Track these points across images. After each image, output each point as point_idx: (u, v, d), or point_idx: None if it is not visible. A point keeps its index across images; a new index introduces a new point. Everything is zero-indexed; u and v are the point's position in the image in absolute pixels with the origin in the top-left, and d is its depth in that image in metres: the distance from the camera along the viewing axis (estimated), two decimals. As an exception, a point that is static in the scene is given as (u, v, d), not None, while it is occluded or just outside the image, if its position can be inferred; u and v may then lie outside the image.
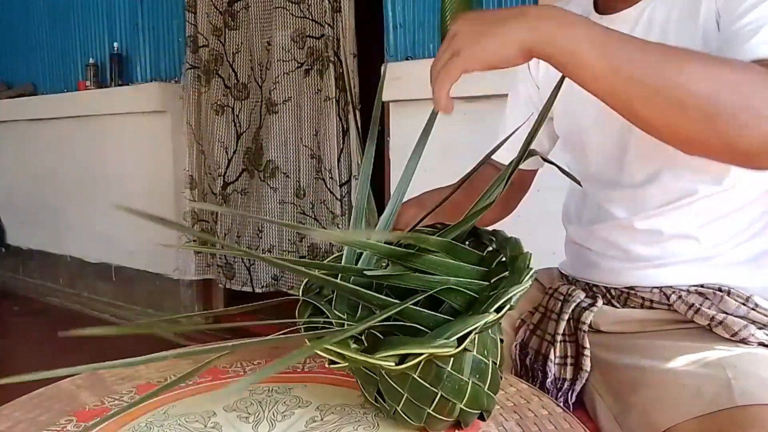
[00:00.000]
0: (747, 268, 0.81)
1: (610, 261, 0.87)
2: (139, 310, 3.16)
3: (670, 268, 0.83)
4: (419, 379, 0.58)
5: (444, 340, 0.53)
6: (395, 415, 0.61)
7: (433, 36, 2.08)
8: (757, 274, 0.81)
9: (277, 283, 2.62)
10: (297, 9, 2.48)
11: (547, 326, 0.90)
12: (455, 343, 0.53)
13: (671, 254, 0.83)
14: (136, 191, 3.10)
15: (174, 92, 2.85)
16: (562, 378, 0.86)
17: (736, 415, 0.65)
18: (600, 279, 0.89)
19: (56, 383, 0.78)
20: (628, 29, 0.81)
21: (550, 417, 0.67)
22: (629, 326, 0.85)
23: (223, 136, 2.74)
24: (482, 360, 0.59)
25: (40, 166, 3.66)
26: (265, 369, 0.41)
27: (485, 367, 0.60)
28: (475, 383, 0.58)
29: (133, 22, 3.08)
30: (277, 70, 2.54)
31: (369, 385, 0.63)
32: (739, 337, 0.75)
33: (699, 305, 0.79)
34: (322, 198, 2.46)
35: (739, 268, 0.81)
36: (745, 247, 0.81)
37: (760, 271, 0.81)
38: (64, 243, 3.58)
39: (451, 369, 0.57)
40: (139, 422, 0.66)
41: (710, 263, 0.81)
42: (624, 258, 0.86)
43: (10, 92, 3.78)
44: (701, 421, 0.67)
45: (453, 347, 0.53)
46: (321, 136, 2.44)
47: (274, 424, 0.64)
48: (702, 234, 0.81)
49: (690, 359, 0.75)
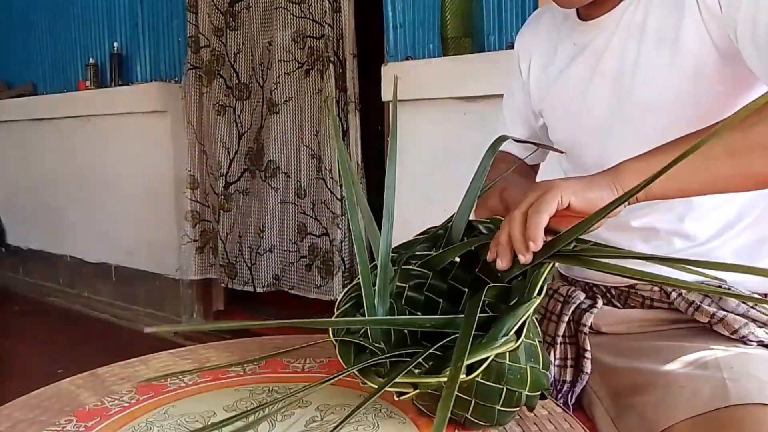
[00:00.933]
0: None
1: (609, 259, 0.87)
2: (139, 310, 3.16)
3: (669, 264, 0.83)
4: (484, 382, 0.58)
5: (505, 338, 0.55)
6: (465, 423, 0.62)
7: (433, 36, 2.08)
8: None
9: (278, 282, 2.62)
10: (298, 9, 2.49)
11: (547, 328, 0.90)
12: (514, 336, 0.55)
13: (669, 251, 0.83)
14: (136, 191, 3.10)
15: (174, 92, 2.85)
16: (561, 380, 0.86)
17: (731, 414, 0.66)
18: (600, 278, 0.89)
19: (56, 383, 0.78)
20: (610, 31, 0.83)
21: (550, 417, 0.67)
22: (630, 327, 0.85)
23: (225, 136, 2.74)
24: (531, 343, 0.61)
25: (40, 166, 3.66)
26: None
27: (535, 348, 0.62)
28: (532, 367, 0.60)
29: (133, 22, 3.08)
30: (278, 70, 2.55)
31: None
32: (739, 335, 0.75)
33: (699, 302, 0.79)
34: (322, 198, 2.46)
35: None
36: (740, 239, 0.81)
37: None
38: (64, 243, 3.58)
39: (510, 361, 0.59)
40: (139, 422, 0.66)
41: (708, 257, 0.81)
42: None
43: (10, 92, 3.78)
44: (697, 421, 0.67)
45: (514, 341, 0.55)
46: (321, 136, 2.44)
47: (274, 424, 0.64)
48: (694, 228, 0.81)
49: (688, 361, 0.75)
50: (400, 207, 0.80)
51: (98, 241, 3.36)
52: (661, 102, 0.79)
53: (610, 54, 0.84)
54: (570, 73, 0.89)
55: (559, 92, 0.92)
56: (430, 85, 2.01)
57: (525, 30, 1.02)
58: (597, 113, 0.85)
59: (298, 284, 2.56)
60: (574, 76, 0.89)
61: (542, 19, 0.99)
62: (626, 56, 0.82)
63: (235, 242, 2.73)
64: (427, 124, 2.05)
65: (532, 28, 1.01)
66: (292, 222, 2.59)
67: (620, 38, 0.83)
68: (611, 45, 0.83)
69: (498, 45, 1.95)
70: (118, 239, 3.23)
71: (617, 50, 0.83)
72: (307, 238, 2.53)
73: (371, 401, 0.54)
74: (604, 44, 0.84)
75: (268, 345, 0.91)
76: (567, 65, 0.90)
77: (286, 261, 2.60)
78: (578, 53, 0.88)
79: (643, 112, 0.81)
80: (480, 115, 1.91)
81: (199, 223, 2.80)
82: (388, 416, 0.66)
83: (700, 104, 0.76)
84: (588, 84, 0.86)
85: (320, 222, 2.48)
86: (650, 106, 0.80)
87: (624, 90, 0.82)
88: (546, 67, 0.95)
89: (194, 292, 2.94)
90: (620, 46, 0.82)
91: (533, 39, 0.99)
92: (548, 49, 0.95)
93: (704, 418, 0.67)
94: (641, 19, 0.80)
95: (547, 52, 0.95)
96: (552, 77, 0.93)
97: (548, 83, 0.94)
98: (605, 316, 0.86)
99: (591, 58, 0.86)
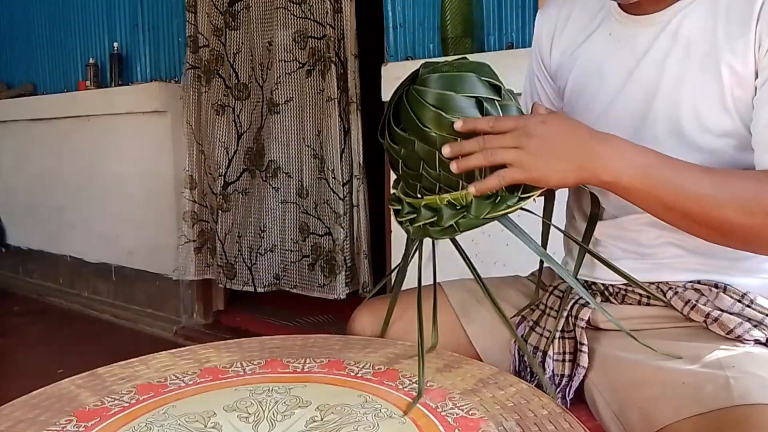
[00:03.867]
0: (743, 265, 0.81)
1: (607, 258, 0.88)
2: (138, 310, 3.16)
3: (665, 261, 0.83)
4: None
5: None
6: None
7: (433, 36, 2.08)
8: (753, 271, 0.81)
9: (279, 282, 2.62)
10: (298, 9, 2.48)
11: (546, 323, 0.90)
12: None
13: (664, 249, 0.83)
14: (136, 191, 3.10)
15: (174, 92, 2.85)
16: (560, 374, 0.87)
17: (735, 414, 0.65)
18: (598, 275, 0.89)
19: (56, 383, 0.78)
20: (654, 34, 0.79)
21: (550, 417, 0.67)
22: (627, 323, 0.85)
23: (224, 136, 2.74)
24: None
25: (41, 166, 3.66)
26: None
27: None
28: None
29: (133, 22, 3.08)
30: (279, 70, 2.54)
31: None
32: (735, 335, 0.75)
33: (695, 301, 0.79)
34: (325, 198, 2.46)
35: (735, 265, 0.81)
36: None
37: (756, 269, 0.81)
38: (64, 243, 3.58)
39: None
40: (139, 422, 0.66)
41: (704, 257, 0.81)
42: (622, 255, 0.86)
43: (10, 92, 3.78)
44: (700, 419, 0.67)
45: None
46: (323, 136, 2.44)
47: (274, 424, 0.64)
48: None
49: (688, 358, 0.75)
50: (400, 207, 0.80)
51: (98, 241, 3.36)
52: (684, 131, 0.77)
53: (649, 61, 0.80)
54: (604, 71, 0.85)
55: (586, 86, 0.88)
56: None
57: (548, 8, 0.97)
58: (621, 123, 0.82)
59: (300, 284, 2.56)
60: (608, 73, 0.85)
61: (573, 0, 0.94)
62: (667, 70, 0.78)
63: (234, 242, 2.73)
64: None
65: (558, 5, 0.95)
66: (294, 222, 2.59)
67: (663, 45, 0.78)
68: (652, 51, 0.79)
69: (498, 45, 1.95)
70: (118, 239, 3.23)
71: (658, 60, 0.79)
72: (309, 238, 2.53)
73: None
74: (644, 47, 0.80)
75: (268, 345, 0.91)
76: (601, 60, 0.86)
77: (287, 261, 2.60)
78: (615, 49, 0.84)
79: (672, 138, 0.79)
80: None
81: (197, 223, 2.80)
82: (388, 416, 0.66)
83: (742, 150, 0.76)
84: (620, 89, 0.83)
85: (323, 222, 2.48)
86: (680, 138, 0.78)
87: (656, 106, 0.79)
88: (573, 51, 0.91)
89: (194, 291, 2.93)
90: (662, 56, 0.79)
91: (558, 16, 0.94)
92: (577, 31, 0.91)
93: (708, 416, 0.67)
94: (696, 33, 0.76)
95: (576, 34, 0.91)
96: (581, 63, 0.89)
97: (573, 67, 0.90)
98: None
99: (629, 58, 0.82)
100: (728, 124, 0.75)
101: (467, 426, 0.64)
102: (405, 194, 0.80)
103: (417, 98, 0.73)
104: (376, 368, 0.81)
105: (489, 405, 0.70)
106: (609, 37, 0.85)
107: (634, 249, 0.85)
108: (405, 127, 0.75)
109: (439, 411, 0.68)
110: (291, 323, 2.80)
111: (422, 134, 0.73)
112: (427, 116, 0.72)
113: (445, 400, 0.71)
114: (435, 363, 0.83)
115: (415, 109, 0.73)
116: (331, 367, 0.81)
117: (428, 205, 0.76)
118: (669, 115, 0.78)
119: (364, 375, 0.78)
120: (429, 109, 0.72)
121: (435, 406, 0.69)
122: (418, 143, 0.74)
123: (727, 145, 0.76)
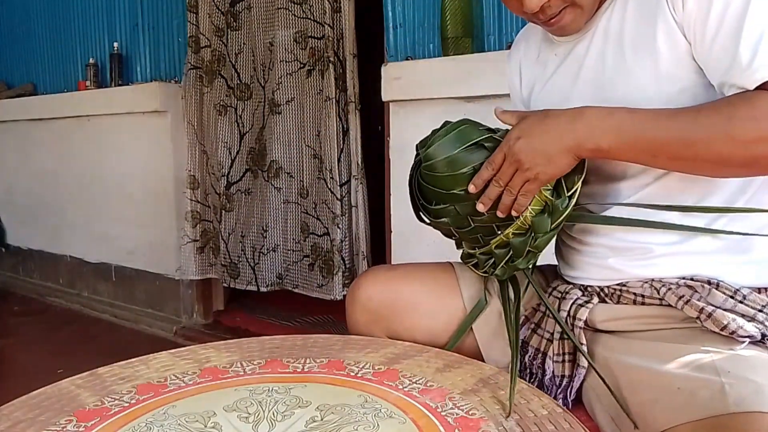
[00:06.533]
0: (735, 261, 0.81)
1: (598, 258, 0.88)
2: (139, 310, 3.16)
3: (657, 259, 0.83)
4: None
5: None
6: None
7: (433, 36, 2.08)
8: (744, 267, 0.81)
9: (282, 282, 2.62)
10: (299, 9, 2.48)
11: (546, 324, 0.92)
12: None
13: (655, 246, 0.83)
14: (136, 191, 3.10)
15: (174, 92, 2.85)
16: (561, 375, 0.87)
17: (730, 422, 0.66)
18: (593, 275, 0.89)
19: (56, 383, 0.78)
20: (588, 38, 0.88)
21: (550, 417, 0.67)
22: (624, 323, 0.86)
23: (226, 136, 2.74)
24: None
25: (40, 165, 3.66)
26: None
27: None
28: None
29: (133, 22, 3.08)
30: (280, 70, 2.54)
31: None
32: (729, 331, 0.76)
33: (689, 297, 0.79)
34: (323, 198, 2.46)
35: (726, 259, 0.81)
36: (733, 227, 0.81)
37: (748, 266, 0.81)
38: (64, 243, 3.58)
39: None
40: (139, 422, 0.66)
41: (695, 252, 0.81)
42: (611, 254, 0.86)
43: (10, 92, 3.78)
44: (696, 426, 0.67)
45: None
46: (322, 137, 2.44)
47: (274, 424, 0.64)
48: (678, 221, 0.82)
49: (683, 362, 0.75)
50: (400, 207, 0.81)
51: (98, 241, 3.35)
52: (640, 104, 0.80)
53: (590, 60, 0.88)
54: (555, 83, 0.94)
55: (545, 103, 0.94)
56: (430, 85, 2.01)
57: (514, 49, 1.07)
58: None
59: (301, 283, 2.56)
60: (558, 84, 0.93)
61: (530, 33, 1.03)
62: (606, 61, 0.86)
63: (237, 242, 2.73)
64: (427, 124, 2.04)
65: (521, 45, 1.05)
66: (296, 221, 2.59)
67: (599, 44, 0.87)
68: (590, 51, 0.88)
69: (498, 45, 1.95)
70: (118, 239, 3.23)
71: (597, 56, 0.87)
72: (309, 238, 2.53)
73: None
74: (584, 51, 0.89)
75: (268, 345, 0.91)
76: (551, 75, 0.95)
77: (289, 260, 2.60)
78: (561, 63, 0.93)
79: None
80: (480, 115, 1.90)
81: (199, 223, 2.80)
82: (388, 416, 0.66)
83: (679, 104, 0.78)
84: (571, 90, 0.90)
85: (322, 222, 2.48)
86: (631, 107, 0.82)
87: (605, 93, 0.84)
88: (535, 83, 1.00)
89: (194, 291, 2.94)
90: (599, 52, 0.87)
91: (520, 54, 1.05)
92: (536, 64, 1.00)
93: (704, 423, 0.67)
94: (618, 25, 0.85)
95: (534, 68, 1.00)
96: (538, 90, 0.98)
97: (537, 96, 0.99)
98: (600, 313, 0.88)
99: (573, 64, 0.91)
100: (683, 79, 0.79)
101: (467, 426, 0.64)
102: (472, 249, 0.91)
103: (431, 174, 0.84)
104: (376, 368, 0.81)
105: (489, 405, 0.70)
106: (555, 57, 0.95)
107: (624, 246, 0.86)
108: (437, 202, 0.86)
109: (439, 411, 0.68)
110: (291, 323, 2.80)
111: (455, 198, 0.84)
112: (449, 182, 0.83)
113: (445, 400, 0.71)
114: (435, 363, 0.83)
115: (436, 183, 0.84)
116: (331, 367, 0.81)
117: (498, 245, 0.87)
118: (621, 97, 0.83)
119: (364, 375, 0.78)
120: (445, 177, 0.83)
121: (435, 406, 0.69)
122: (457, 206, 0.85)
123: (687, 99, 0.79)
